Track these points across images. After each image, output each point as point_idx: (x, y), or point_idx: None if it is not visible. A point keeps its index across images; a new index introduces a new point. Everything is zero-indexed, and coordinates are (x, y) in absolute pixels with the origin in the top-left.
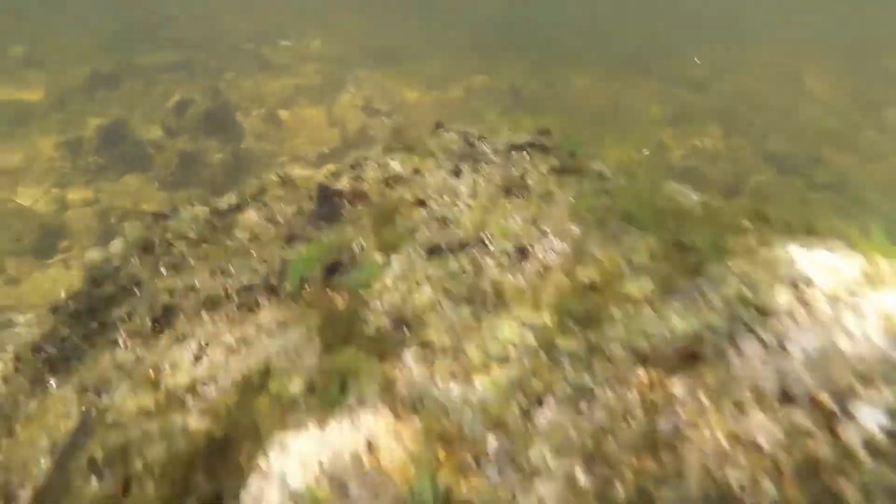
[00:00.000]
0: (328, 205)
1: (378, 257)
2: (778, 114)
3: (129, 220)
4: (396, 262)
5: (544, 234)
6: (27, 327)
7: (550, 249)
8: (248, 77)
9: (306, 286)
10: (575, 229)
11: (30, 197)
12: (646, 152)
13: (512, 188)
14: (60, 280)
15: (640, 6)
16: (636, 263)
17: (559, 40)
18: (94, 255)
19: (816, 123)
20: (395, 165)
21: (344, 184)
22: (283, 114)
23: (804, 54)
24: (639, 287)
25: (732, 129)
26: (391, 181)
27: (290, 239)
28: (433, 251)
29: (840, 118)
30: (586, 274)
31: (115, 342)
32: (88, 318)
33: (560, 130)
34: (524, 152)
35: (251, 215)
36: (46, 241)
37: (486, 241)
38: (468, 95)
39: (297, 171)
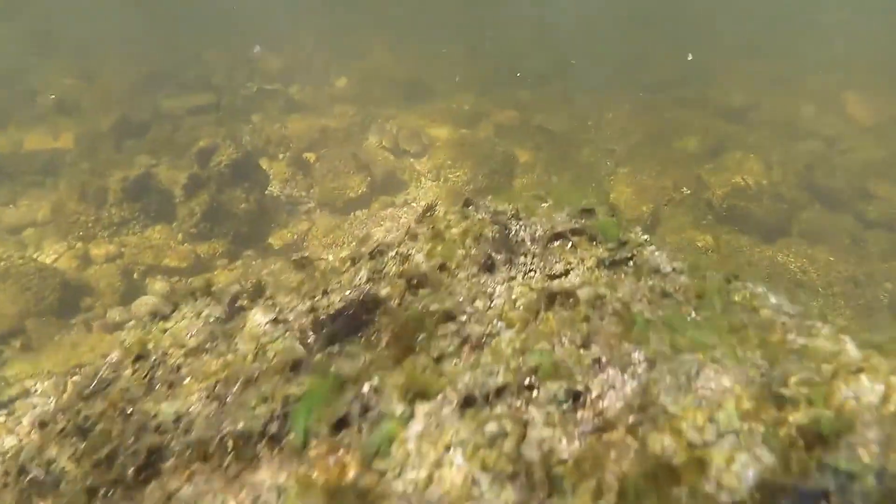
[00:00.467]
0: (344, 317)
1: (398, 407)
2: (821, 143)
3: (150, 278)
4: (422, 417)
5: (601, 365)
6: (43, 397)
7: (611, 390)
8: (274, 119)
9: (313, 439)
10: (639, 358)
11: (54, 252)
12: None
13: (556, 293)
14: (81, 343)
15: (669, 29)
16: (723, 425)
17: (589, 69)
18: (86, 371)
19: (862, 153)
20: (419, 258)
21: (362, 280)
22: (310, 157)
23: (844, 73)
24: (734, 474)
25: (774, 162)
26: (415, 282)
27: (297, 366)
28: (468, 401)
29: (886, 146)
30: (660, 441)
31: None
32: (78, 439)
33: (606, 206)
34: (566, 240)
35: (258, 318)
36: (68, 299)
37: (532, 383)
38: (498, 133)
39: (313, 254)
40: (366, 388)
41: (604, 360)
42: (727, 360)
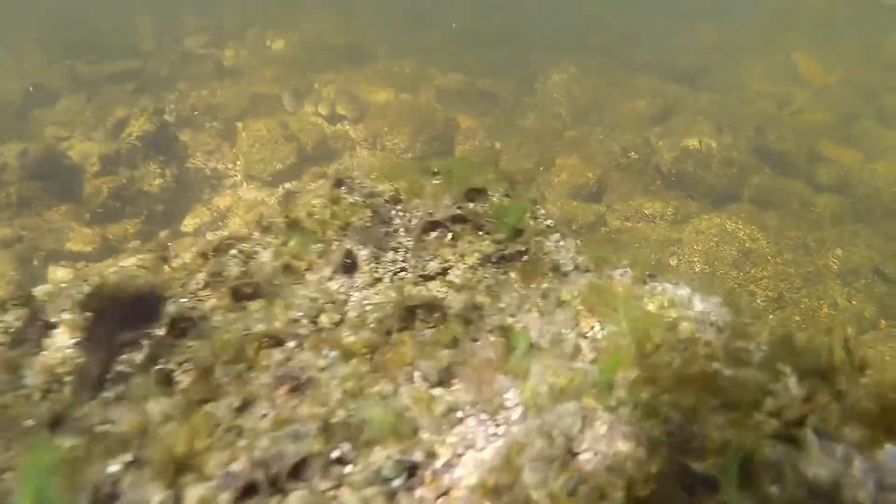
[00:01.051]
0: (150, 343)
1: (156, 495)
2: (771, 103)
3: (52, 264)
4: None
5: (459, 415)
6: None
7: (468, 454)
8: (203, 86)
9: None
10: (513, 401)
11: None
12: None
13: (416, 306)
14: None
15: None
16: None
17: (537, 31)
18: None
19: (812, 115)
20: (266, 257)
21: (198, 287)
22: (239, 126)
23: (793, 32)
24: None
25: (724, 125)
26: (245, 289)
27: (59, 421)
28: (250, 489)
29: (836, 106)
30: None
31: None
32: None
33: (504, 182)
34: (445, 230)
35: (61, 340)
36: None
37: (344, 455)
38: (441, 98)
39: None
40: (115, 466)
41: (465, 406)
42: (626, 408)
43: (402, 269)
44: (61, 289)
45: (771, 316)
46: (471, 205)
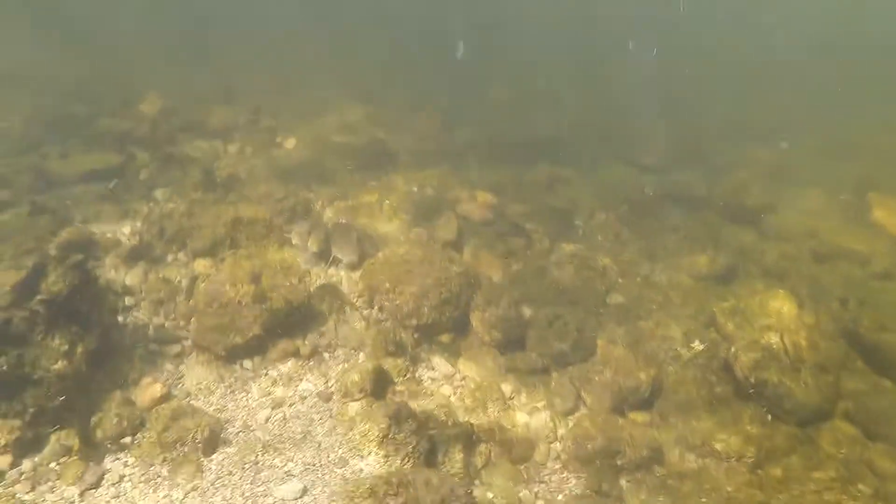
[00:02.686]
0: None
1: None
2: (852, 263)
3: None
4: None
5: None
6: None
7: None
8: (184, 196)
9: None
10: None
11: None
12: None
13: None
14: None
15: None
16: None
17: (578, 141)
18: None
19: None
20: None
21: None
22: (203, 266)
23: (861, 165)
24: None
25: (805, 297)
26: None
27: None
28: None
29: None
30: None
31: None
32: None
33: None
34: None
35: None
36: None
37: None
38: (465, 233)
39: None
40: None
41: None
42: None
43: None
44: None
45: None
46: None
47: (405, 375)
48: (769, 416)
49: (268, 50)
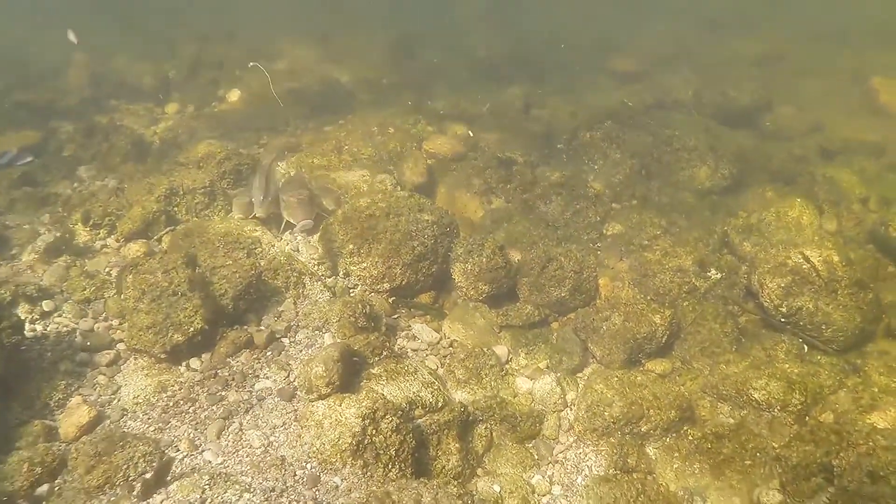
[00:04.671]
0: None
1: None
2: (865, 156)
3: None
4: None
5: None
6: None
7: None
8: (112, 170)
9: None
10: None
11: None
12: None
13: None
14: None
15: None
16: None
17: (552, 53)
18: None
19: None
20: None
21: None
22: (137, 249)
23: (855, 47)
24: None
25: (822, 202)
26: None
27: None
28: None
29: None
30: None
31: None
32: None
33: None
34: None
35: None
36: None
37: None
38: (436, 171)
39: None
40: None
41: None
42: None
43: None
44: None
45: None
46: None
47: (381, 353)
48: (805, 348)
49: None
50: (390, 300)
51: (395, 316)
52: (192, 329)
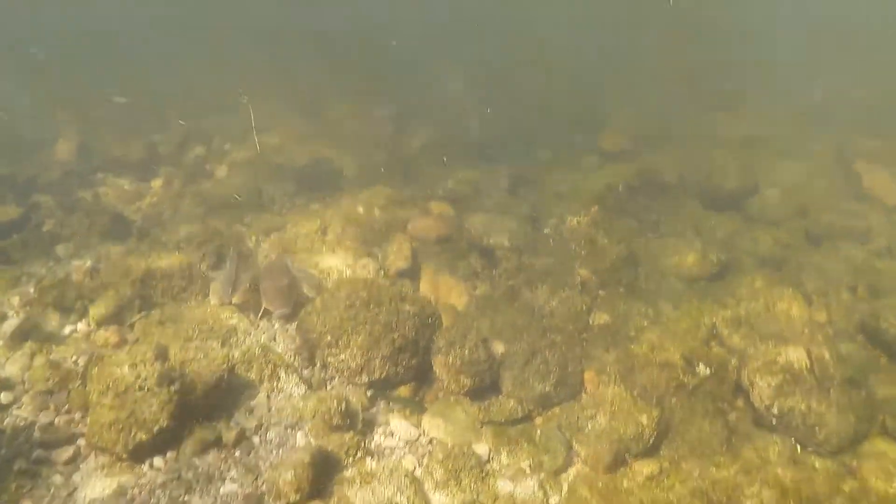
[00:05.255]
0: None
1: None
2: (852, 243)
3: None
4: None
5: None
6: None
7: None
8: (90, 249)
9: None
10: None
11: None
12: None
13: None
14: None
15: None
16: None
17: (540, 128)
18: None
19: None
20: None
21: None
22: (108, 338)
23: (838, 130)
24: None
25: (812, 290)
26: None
27: None
28: None
29: None
30: None
31: None
32: None
33: None
34: None
35: None
36: None
37: None
38: (421, 254)
39: None
40: None
41: None
42: None
43: None
44: None
45: None
46: None
47: (356, 454)
48: (798, 448)
49: (202, 70)
50: (368, 393)
51: (373, 410)
52: (157, 427)
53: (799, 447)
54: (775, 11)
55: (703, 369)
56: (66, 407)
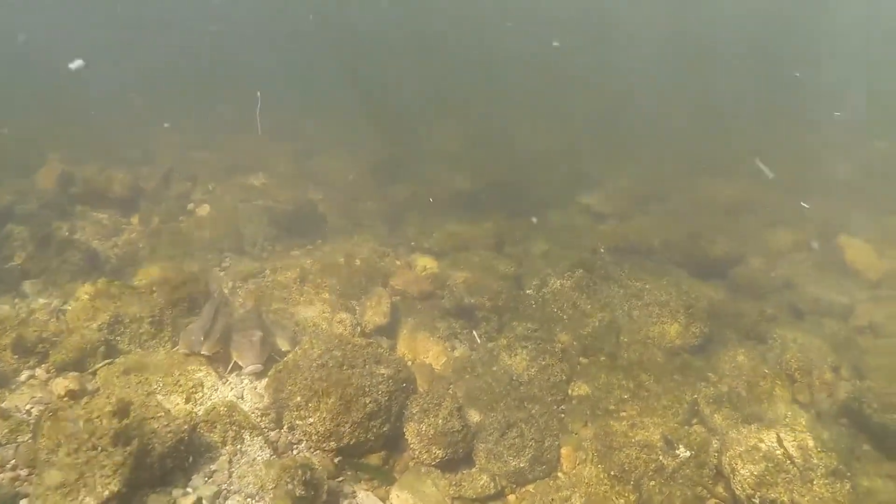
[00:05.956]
0: None
1: None
2: (835, 321)
3: None
4: None
5: None
6: None
7: None
8: (62, 290)
9: None
10: None
11: None
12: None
13: None
14: None
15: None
16: None
17: (526, 184)
18: None
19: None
20: None
21: None
22: (64, 386)
23: (822, 199)
24: None
25: (795, 369)
26: None
27: None
28: None
29: None
30: None
31: None
32: None
33: None
34: None
35: None
36: None
37: None
38: (400, 310)
39: None
40: None
41: None
42: None
43: None
44: None
45: None
46: None
47: None
48: None
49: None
50: (336, 460)
51: (340, 479)
52: (106, 493)
53: None
54: None
55: (683, 451)
56: (13, 462)
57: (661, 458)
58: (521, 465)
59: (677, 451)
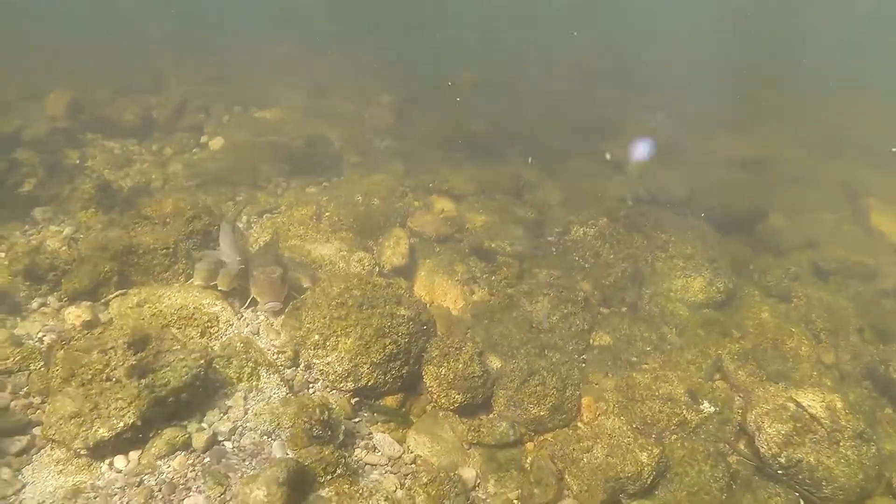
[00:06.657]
0: None
1: None
2: (859, 281)
3: None
4: None
5: None
6: None
7: None
8: (73, 217)
9: None
10: None
11: None
12: None
13: None
14: None
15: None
16: None
17: (544, 129)
18: None
19: None
20: None
21: None
22: (76, 315)
23: (847, 158)
24: None
25: (821, 329)
26: None
27: None
28: None
29: None
30: None
31: None
32: None
33: None
34: None
35: None
36: None
37: None
38: (418, 251)
39: None
40: None
41: None
42: None
43: None
44: None
45: None
46: None
47: (334, 472)
48: (801, 502)
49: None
50: (353, 401)
51: (356, 420)
52: (121, 424)
53: (802, 501)
54: None
55: (707, 407)
56: (25, 390)
57: (684, 412)
58: (542, 413)
59: (701, 406)
